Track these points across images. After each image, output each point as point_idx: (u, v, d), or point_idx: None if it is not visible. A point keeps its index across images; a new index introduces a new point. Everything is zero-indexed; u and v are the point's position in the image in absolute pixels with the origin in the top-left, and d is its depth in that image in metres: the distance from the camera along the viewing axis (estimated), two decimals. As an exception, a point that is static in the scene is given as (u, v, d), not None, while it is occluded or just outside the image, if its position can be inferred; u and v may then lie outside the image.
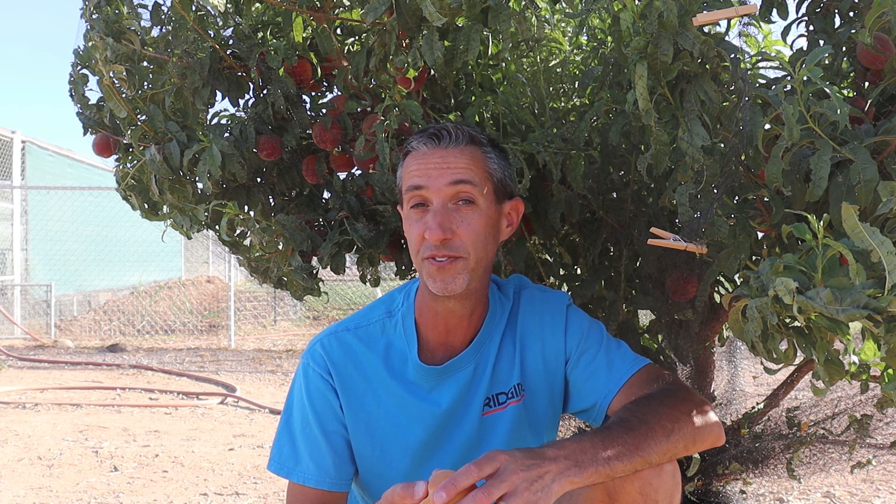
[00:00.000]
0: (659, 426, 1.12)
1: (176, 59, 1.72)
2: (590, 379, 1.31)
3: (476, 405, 1.31)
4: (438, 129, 1.27)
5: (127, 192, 1.96)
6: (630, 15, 1.18)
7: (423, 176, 1.24)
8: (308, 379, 1.32)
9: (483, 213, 1.24)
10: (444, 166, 1.24)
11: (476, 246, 1.23)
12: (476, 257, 1.23)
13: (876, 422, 1.90)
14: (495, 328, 1.34)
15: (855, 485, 3.04)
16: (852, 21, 1.39)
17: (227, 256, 8.46)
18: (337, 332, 1.34)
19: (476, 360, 1.32)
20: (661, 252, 1.54)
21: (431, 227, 1.20)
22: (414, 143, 1.28)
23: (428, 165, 1.24)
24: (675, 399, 1.22)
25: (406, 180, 1.27)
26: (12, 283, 8.69)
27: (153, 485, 3.17)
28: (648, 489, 1.09)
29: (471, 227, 1.23)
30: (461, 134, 1.27)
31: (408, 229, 1.27)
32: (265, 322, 9.47)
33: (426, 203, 1.24)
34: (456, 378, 1.30)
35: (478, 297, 1.30)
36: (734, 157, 1.18)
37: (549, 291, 1.41)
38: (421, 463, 1.31)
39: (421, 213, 1.24)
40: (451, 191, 1.22)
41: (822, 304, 0.88)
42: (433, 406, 1.29)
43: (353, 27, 1.80)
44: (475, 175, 1.24)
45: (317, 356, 1.32)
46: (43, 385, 5.22)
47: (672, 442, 1.13)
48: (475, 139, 1.28)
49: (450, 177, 1.23)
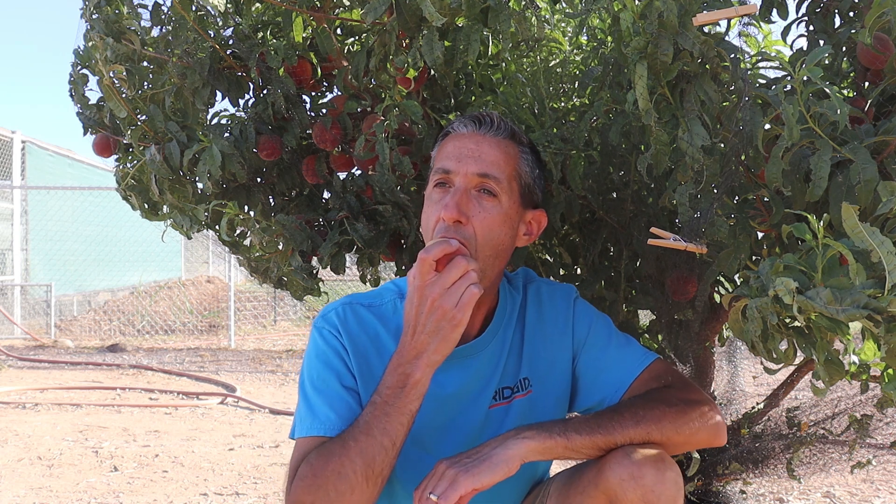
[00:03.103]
0: (629, 412, 1.17)
1: (176, 59, 1.72)
2: (599, 375, 1.31)
3: (484, 396, 1.30)
4: (482, 114, 1.27)
5: (127, 192, 1.96)
6: (630, 15, 1.18)
7: (453, 159, 1.24)
8: (324, 339, 1.28)
9: (503, 210, 1.23)
10: (476, 154, 1.23)
11: (487, 239, 1.21)
12: (484, 251, 1.21)
13: (876, 422, 1.90)
14: (507, 321, 1.33)
15: (855, 485, 3.04)
16: (852, 21, 1.39)
17: (227, 256, 8.47)
18: (352, 304, 1.31)
19: (486, 350, 1.30)
20: (660, 252, 1.54)
21: (448, 206, 1.19)
22: (454, 125, 1.28)
23: (461, 150, 1.24)
24: (664, 392, 1.22)
25: (437, 161, 1.27)
26: (12, 283, 8.69)
27: (153, 485, 3.17)
28: (651, 496, 1.09)
29: (486, 219, 1.21)
30: (503, 126, 1.26)
31: (425, 210, 1.26)
32: (265, 322, 9.47)
33: (449, 184, 1.23)
34: (463, 365, 1.29)
35: (486, 291, 1.27)
36: (734, 157, 1.18)
37: (556, 285, 1.40)
38: (427, 448, 1.29)
39: (442, 192, 1.24)
40: (475, 180, 1.22)
41: (822, 304, 0.88)
42: (437, 388, 1.27)
43: (353, 27, 1.80)
44: (504, 171, 1.24)
45: (331, 321, 1.29)
46: (43, 385, 5.22)
47: (642, 429, 1.15)
48: (515, 135, 1.28)
49: (478, 166, 1.22)
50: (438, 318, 1.12)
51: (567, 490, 1.22)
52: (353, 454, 1.11)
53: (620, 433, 1.14)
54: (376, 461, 1.11)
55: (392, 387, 1.14)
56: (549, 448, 1.13)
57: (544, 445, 1.13)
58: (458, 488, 1.07)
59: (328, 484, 1.11)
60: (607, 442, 1.14)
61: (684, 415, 1.19)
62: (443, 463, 1.12)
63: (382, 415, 1.13)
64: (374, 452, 1.11)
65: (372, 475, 1.11)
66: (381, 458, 1.12)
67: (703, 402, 1.23)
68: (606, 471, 1.12)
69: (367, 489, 1.12)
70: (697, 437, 1.21)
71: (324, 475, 1.11)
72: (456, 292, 1.12)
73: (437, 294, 1.12)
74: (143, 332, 8.69)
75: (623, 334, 1.35)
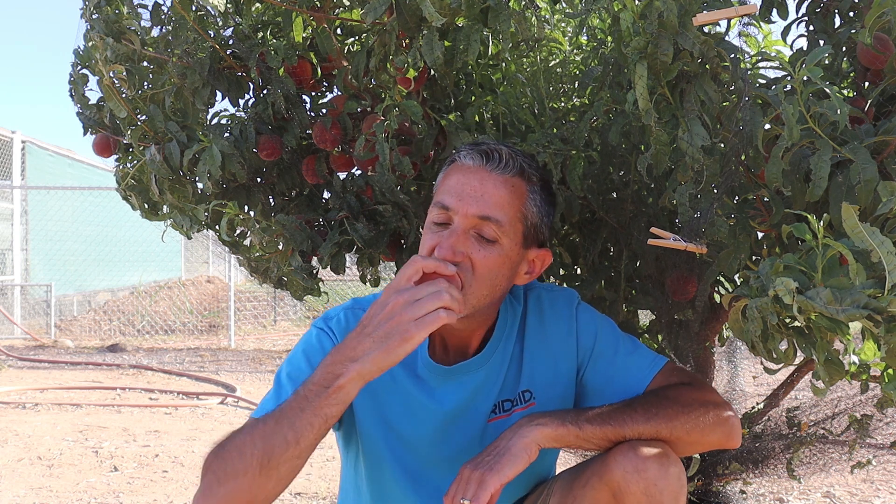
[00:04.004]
0: (642, 407, 1.17)
1: (176, 59, 1.72)
2: (608, 385, 1.29)
3: (482, 411, 1.30)
4: (492, 148, 1.20)
5: (127, 192, 1.96)
6: (630, 15, 1.18)
7: (454, 196, 1.19)
8: (318, 339, 1.27)
9: (503, 253, 1.19)
10: (479, 193, 1.18)
11: (483, 278, 1.18)
12: (478, 293, 1.18)
13: (876, 422, 1.90)
14: (506, 336, 1.31)
15: (855, 485, 3.04)
16: (852, 21, 1.39)
17: (227, 256, 8.47)
18: (353, 309, 1.30)
19: (486, 366, 1.29)
20: (660, 252, 1.54)
21: (443, 246, 1.16)
22: (462, 154, 1.22)
23: (464, 187, 1.19)
24: (679, 390, 1.22)
25: (439, 192, 1.22)
26: (12, 283, 8.69)
27: (153, 485, 3.17)
28: (654, 490, 1.09)
29: (484, 259, 1.17)
30: (513, 163, 1.20)
31: (423, 239, 1.24)
32: (265, 322, 9.47)
33: (448, 222, 1.19)
34: (463, 381, 1.28)
35: (482, 317, 1.26)
36: (734, 157, 1.18)
37: (557, 291, 1.37)
38: (425, 461, 1.30)
39: (441, 229, 1.20)
40: (476, 222, 1.17)
41: (822, 304, 0.88)
42: (436, 404, 1.28)
43: (353, 27, 1.80)
44: (507, 214, 1.18)
45: (331, 325, 1.28)
46: (43, 385, 5.22)
47: (652, 425, 1.15)
48: (525, 173, 1.21)
49: (480, 209, 1.17)
50: (392, 325, 1.05)
51: (572, 483, 1.22)
52: (256, 436, 1.07)
53: (631, 427, 1.15)
54: (275, 452, 1.05)
55: (317, 384, 1.07)
56: (562, 435, 1.14)
57: (557, 433, 1.14)
58: (487, 487, 1.08)
59: (228, 457, 1.08)
60: (617, 434, 1.14)
61: (696, 414, 1.18)
62: (467, 466, 1.13)
63: (297, 409, 1.07)
64: (275, 442, 1.06)
65: (267, 465, 1.05)
66: (280, 450, 1.05)
67: (718, 404, 1.22)
68: (611, 463, 1.12)
69: (260, 478, 1.05)
70: (710, 437, 1.20)
71: (229, 447, 1.09)
72: (422, 307, 1.05)
73: (403, 301, 1.06)
74: (143, 332, 8.69)
75: (629, 338, 1.33)
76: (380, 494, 1.32)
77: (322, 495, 3.04)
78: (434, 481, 1.28)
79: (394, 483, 1.30)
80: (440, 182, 1.25)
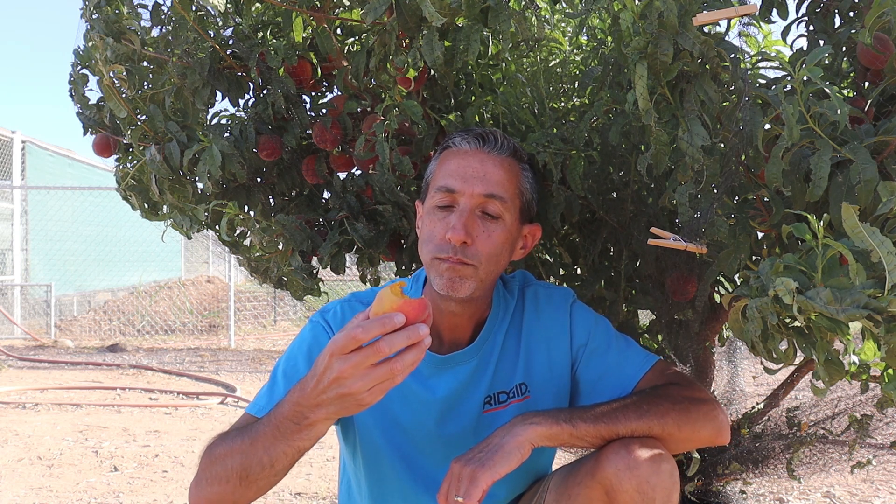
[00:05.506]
0: (633, 405, 1.18)
1: (176, 59, 1.72)
2: (600, 380, 1.31)
3: (476, 401, 1.31)
4: (485, 132, 1.27)
5: (127, 192, 1.96)
6: (630, 15, 1.18)
7: (458, 178, 1.24)
8: (314, 334, 1.30)
9: (506, 229, 1.26)
10: (481, 174, 1.24)
11: (490, 259, 1.24)
12: (487, 269, 1.24)
13: (876, 422, 1.90)
14: (498, 327, 1.34)
15: (855, 485, 3.04)
16: (852, 21, 1.39)
17: (227, 256, 8.46)
18: (351, 302, 1.33)
19: (478, 356, 1.32)
20: (660, 252, 1.54)
21: (456, 228, 1.20)
22: (456, 140, 1.28)
23: (466, 169, 1.24)
24: (669, 389, 1.23)
25: (439, 178, 1.27)
26: (12, 283, 8.69)
27: (153, 485, 3.17)
28: (646, 487, 1.10)
29: (490, 240, 1.23)
30: (506, 144, 1.27)
31: (426, 224, 1.27)
32: (265, 322, 9.47)
33: (454, 204, 1.24)
34: (455, 371, 1.31)
35: (480, 303, 1.31)
36: (734, 157, 1.18)
37: (553, 288, 1.41)
38: (421, 449, 1.31)
39: (446, 212, 1.24)
40: (482, 201, 1.23)
41: (822, 304, 0.88)
42: (428, 392, 1.30)
43: (353, 27, 1.80)
44: (508, 191, 1.25)
45: (328, 319, 1.31)
46: (43, 385, 5.22)
47: (645, 422, 1.16)
48: (517, 153, 1.29)
49: (485, 187, 1.23)
50: (341, 395, 0.98)
51: (566, 481, 1.24)
52: (236, 451, 1.11)
53: (624, 425, 1.15)
54: (252, 470, 1.09)
55: (288, 418, 1.05)
56: (556, 434, 1.15)
57: (551, 431, 1.14)
58: (479, 484, 1.09)
59: (215, 461, 1.13)
60: (610, 432, 1.15)
61: (687, 412, 1.20)
62: (457, 463, 1.13)
63: (271, 438, 1.07)
64: (251, 462, 1.09)
65: (245, 479, 1.10)
66: (257, 469, 1.09)
67: (707, 401, 1.24)
68: (603, 461, 1.13)
69: (240, 488, 1.11)
70: (700, 434, 1.22)
71: (217, 452, 1.14)
72: (378, 376, 0.95)
73: (349, 373, 0.96)
74: (143, 332, 8.69)
75: (623, 337, 1.36)
76: (377, 483, 1.33)
77: (322, 495, 3.04)
78: (430, 470, 1.30)
79: (391, 471, 1.31)
80: (435, 169, 1.29)
